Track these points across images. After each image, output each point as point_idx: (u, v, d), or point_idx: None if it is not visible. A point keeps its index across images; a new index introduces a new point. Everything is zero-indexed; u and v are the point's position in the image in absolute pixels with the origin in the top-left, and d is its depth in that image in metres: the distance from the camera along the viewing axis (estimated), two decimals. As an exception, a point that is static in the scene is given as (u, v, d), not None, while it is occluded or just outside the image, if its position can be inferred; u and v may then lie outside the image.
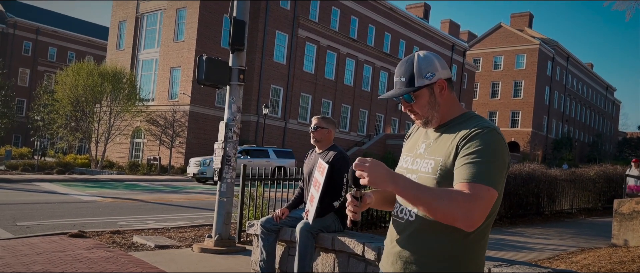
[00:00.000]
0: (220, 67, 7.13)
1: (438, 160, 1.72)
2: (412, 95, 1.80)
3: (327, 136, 4.17)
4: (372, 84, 43.75)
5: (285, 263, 4.19)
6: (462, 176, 1.61)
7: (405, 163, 1.86)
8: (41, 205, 12.02)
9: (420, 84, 1.78)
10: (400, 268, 1.75)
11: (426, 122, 1.83)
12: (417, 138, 1.90)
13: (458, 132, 1.72)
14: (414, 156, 1.84)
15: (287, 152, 26.51)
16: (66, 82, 30.38)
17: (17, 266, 5.56)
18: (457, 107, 1.84)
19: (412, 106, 1.82)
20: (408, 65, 1.81)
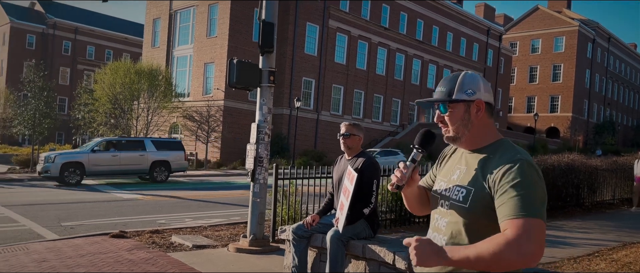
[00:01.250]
0: (250, 69, 7.21)
1: (470, 189, 1.72)
2: (448, 105, 1.80)
3: (357, 142, 4.18)
4: (404, 73, 43.30)
5: (316, 268, 4.24)
6: (508, 212, 1.60)
7: (439, 188, 1.88)
8: (84, 205, 12.48)
9: (457, 97, 1.79)
10: None
11: (454, 138, 1.83)
12: (453, 163, 1.90)
13: (492, 163, 1.71)
14: (448, 181, 1.84)
15: (171, 142, 21.93)
16: (104, 81, 31.26)
17: (62, 268, 5.82)
18: (493, 134, 1.83)
19: (444, 117, 1.82)
20: (452, 78, 1.83)
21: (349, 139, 4.14)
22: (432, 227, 1.88)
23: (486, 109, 1.81)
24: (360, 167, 3.96)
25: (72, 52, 59.73)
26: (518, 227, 1.56)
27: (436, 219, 1.85)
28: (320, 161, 29.84)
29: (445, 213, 1.81)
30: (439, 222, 1.83)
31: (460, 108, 1.79)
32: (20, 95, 40.39)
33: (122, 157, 18.91)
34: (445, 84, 1.83)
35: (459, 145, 1.86)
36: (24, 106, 27.82)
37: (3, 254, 6.64)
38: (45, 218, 9.98)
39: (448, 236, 1.77)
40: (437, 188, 1.90)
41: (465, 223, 1.72)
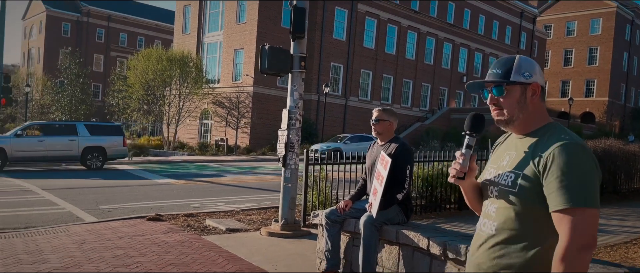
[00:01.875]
0: (282, 55, 7.24)
1: (518, 173, 1.71)
2: (504, 87, 1.78)
3: (389, 128, 4.17)
4: (435, 57, 42.67)
5: (349, 253, 4.28)
6: (557, 201, 1.59)
7: (488, 175, 1.87)
8: (120, 189, 12.84)
9: (515, 78, 1.77)
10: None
11: (507, 122, 1.80)
12: (503, 150, 1.89)
13: (541, 146, 1.70)
14: (497, 168, 1.84)
15: (107, 126, 19.92)
16: (137, 68, 31.89)
17: (102, 250, 6.03)
18: (544, 117, 1.81)
19: (499, 100, 1.79)
20: (507, 60, 1.81)
21: (378, 125, 4.14)
22: (482, 215, 1.88)
23: (540, 93, 1.80)
24: (394, 152, 3.96)
25: (106, 39, 61.01)
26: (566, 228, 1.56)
27: (486, 206, 1.85)
28: (349, 146, 29.84)
29: (495, 200, 1.80)
30: (489, 209, 1.83)
31: (517, 90, 1.77)
32: (57, 82, 41.59)
33: (49, 142, 17.42)
34: (501, 66, 1.81)
35: (511, 129, 1.84)
36: (61, 92, 28.66)
37: (46, 236, 6.91)
38: (84, 202, 10.32)
39: (498, 222, 1.77)
40: (487, 176, 1.89)
41: (515, 208, 1.71)
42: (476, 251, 1.84)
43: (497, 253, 1.74)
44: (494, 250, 1.75)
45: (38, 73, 52.33)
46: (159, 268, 5.25)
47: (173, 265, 5.39)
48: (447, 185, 8.75)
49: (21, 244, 6.38)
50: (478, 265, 1.81)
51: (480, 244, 1.82)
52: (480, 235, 1.84)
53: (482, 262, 1.79)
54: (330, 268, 4.20)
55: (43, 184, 13.14)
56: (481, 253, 1.80)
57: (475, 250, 1.85)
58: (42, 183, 13.27)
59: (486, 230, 1.81)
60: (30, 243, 6.41)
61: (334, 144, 26.06)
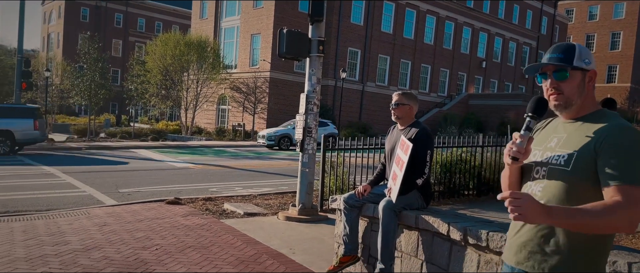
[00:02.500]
0: (300, 39, 7.19)
1: (572, 153, 1.75)
2: (569, 72, 1.82)
3: (409, 112, 4.11)
4: (454, 42, 42.10)
5: (368, 237, 4.26)
6: (612, 179, 1.64)
7: (533, 157, 1.88)
8: (139, 173, 12.98)
9: (578, 64, 1.82)
10: (524, 258, 1.82)
11: (566, 106, 1.84)
12: (547, 134, 1.93)
13: (595, 130, 1.75)
14: (543, 149, 1.87)
15: (16, 108, 17.98)
16: (155, 53, 32.06)
17: (122, 232, 6.10)
18: (594, 104, 1.88)
19: (559, 84, 1.83)
20: (567, 47, 1.85)
21: (397, 109, 4.08)
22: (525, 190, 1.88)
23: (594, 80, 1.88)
24: (414, 137, 3.91)
25: (124, 25, 61.42)
26: (629, 195, 1.60)
27: (529, 186, 1.86)
28: (365, 133, 29.75)
29: (541, 180, 1.82)
30: (533, 189, 1.84)
31: (578, 76, 1.83)
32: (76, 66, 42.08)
33: None
34: (561, 51, 1.84)
35: (566, 114, 1.88)
36: (80, 77, 28.95)
37: (67, 218, 7.02)
38: (103, 185, 10.46)
39: (545, 200, 1.77)
40: (531, 158, 1.88)
41: (565, 187, 1.74)
42: (519, 231, 1.85)
43: (543, 231, 1.77)
44: (540, 228, 1.77)
45: (57, 58, 52.99)
46: (179, 251, 5.30)
47: (192, 248, 5.43)
48: (465, 172, 8.67)
49: (43, 226, 6.49)
50: (523, 244, 1.82)
51: (524, 223, 1.82)
52: None
53: (527, 240, 1.80)
54: (348, 252, 4.19)
55: (63, 167, 13.34)
56: (526, 232, 1.82)
57: (518, 230, 1.86)
58: (62, 167, 13.48)
59: None
60: (51, 225, 6.52)
61: (282, 130, 23.88)
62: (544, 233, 1.77)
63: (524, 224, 1.83)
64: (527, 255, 1.80)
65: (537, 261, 1.77)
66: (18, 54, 21.64)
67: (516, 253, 1.85)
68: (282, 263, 4.98)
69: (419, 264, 3.74)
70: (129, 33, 61.72)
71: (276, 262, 5.02)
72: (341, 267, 4.22)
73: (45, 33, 63.49)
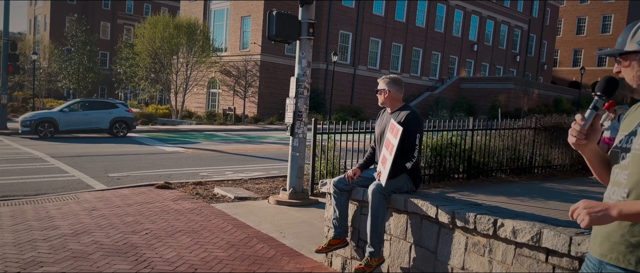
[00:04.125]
0: (290, 21, 7.12)
1: None
2: (618, 58, 1.75)
3: (393, 97, 4.09)
4: (445, 25, 41.99)
5: (357, 221, 4.27)
6: None
7: (620, 143, 1.79)
8: (129, 157, 12.91)
9: (629, 48, 1.73)
10: (608, 250, 1.72)
11: (631, 91, 1.78)
12: (634, 117, 1.81)
13: None
14: (628, 133, 1.77)
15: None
16: (144, 35, 31.70)
17: (111, 217, 6.08)
18: None
19: (621, 69, 1.78)
20: (629, 27, 1.77)
21: (381, 94, 4.09)
22: (611, 183, 1.79)
23: None
24: (404, 120, 3.89)
25: (112, 7, 60.58)
26: None
27: (616, 174, 1.76)
28: (356, 117, 29.75)
29: (626, 166, 1.72)
30: (619, 176, 1.74)
31: (634, 59, 1.73)
32: (64, 49, 41.52)
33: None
34: (623, 34, 1.77)
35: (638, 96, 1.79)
36: (68, 60, 28.62)
37: (56, 202, 6.97)
38: (92, 170, 10.40)
39: (630, 187, 1.67)
40: (617, 142, 1.80)
41: None
42: None
43: (627, 222, 1.65)
44: None
45: (45, 41, 52.21)
46: (169, 235, 5.29)
47: (182, 232, 5.43)
48: (455, 155, 8.71)
49: (31, 211, 6.44)
50: (608, 234, 1.72)
51: None
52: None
53: (612, 231, 1.70)
54: (338, 236, 4.20)
55: (52, 152, 13.24)
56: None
57: None
58: (50, 151, 13.37)
59: (616, 197, 1.72)
60: (40, 210, 6.48)
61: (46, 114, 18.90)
62: (628, 222, 1.64)
63: None
64: (611, 247, 1.69)
65: (621, 253, 1.66)
66: (4, 37, 21.31)
67: (600, 244, 1.74)
68: (273, 247, 5.00)
69: (408, 247, 3.76)
70: (117, 15, 60.89)
71: (266, 246, 5.03)
72: (330, 249, 4.24)
73: (32, 15, 62.48)
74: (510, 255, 2.89)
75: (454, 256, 3.31)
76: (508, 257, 2.90)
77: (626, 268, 1.66)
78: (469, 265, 3.18)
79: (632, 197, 1.65)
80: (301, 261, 4.61)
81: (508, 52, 48.47)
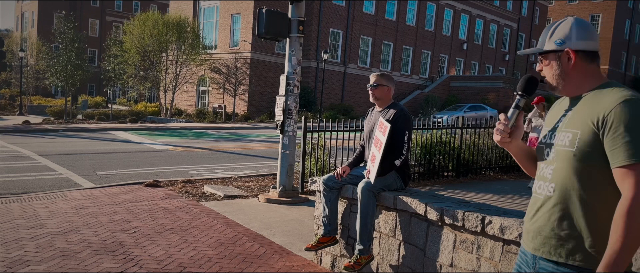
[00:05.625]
0: (279, 19, 7.11)
1: (575, 132, 1.68)
2: (539, 57, 1.82)
3: (387, 94, 4.11)
4: (435, 23, 42.11)
5: (347, 219, 4.28)
6: (620, 157, 1.56)
7: (544, 139, 1.85)
8: (117, 155, 12.82)
9: (547, 48, 1.79)
10: (540, 244, 1.76)
11: (551, 88, 1.83)
12: (556, 112, 1.86)
13: (599, 104, 1.65)
14: (552, 130, 1.82)
15: None
16: (133, 32, 31.43)
17: (99, 215, 6.03)
18: (596, 79, 1.76)
19: (542, 68, 1.83)
20: (549, 26, 1.83)
21: (376, 90, 4.07)
22: (537, 177, 1.85)
23: (582, 57, 1.75)
24: (392, 118, 3.90)
25: (101, 4, 60.02)
26: (631, 183, 1.53)
27: (542, 168, 1.82)
28: (347, 115, 29.77)
29: (551, 161, 1.77)
30: (544, 171, 1.79)
31: (551, 58, 1.78)
32: (52, 47, 41.09)
33: None
34: (542, 33, 1.83)
35: (561, 94, 1.84)
36: (56, 57, 28.30)
37: (43, 201, 6.91)
38: (80, 168, 10.31)
39: (556, 182, 1.73)
40: (542, 139, 1.86)
41: (573, 167, 1.68)
42: (534, 215, 1.81)
43: (557, 215, 1.71)
44: (553, 211, 1.73)
45: (32, 38, 51.67)
46: (157, 233, 5.26)
47: (171, 230, 5.40)
48: (445, 153, 8.75)
49: (18, 209, 6.38)
50: (539, 229, 1.77)
51: (539, 207, 1.79)
52: (537, 198, 1.81)
53: (542, 225, 1.75)
54: (327, 234, 4.20)
55: (40, 150, 13.11)
56: (540, 216, 1.77)
57: (533, 214, 1.82)
58: (38, 149, 13.24)
59: (543, 191, 1.78)
60: (27, 209, 6.41)
61: None
62: (557, 215, 1.71)
63: (539, 207, 1.79)
64: (543, 241, 1.75)
65: (552, 247, 1.72)
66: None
67: (533, 239, 1.80)
68: (262, 245, 4.99)
69: (397, 244, 3.77)
70: (106, 12, 60.34)
71: (256, 244, 5.02)
72: (319, 246, 4.24)
73: (19, 12, 61.75)
74: (498, 252, 2.91)
75: (442, 253, 3.33)
76: (496, 254, 2.92)
77: (557, 261, 1.72)
78: (458, 262, 3.20)
79: (557, 192, 1.72)
80: (291, 259, 4.61)
81: (497, 51, 48.75)
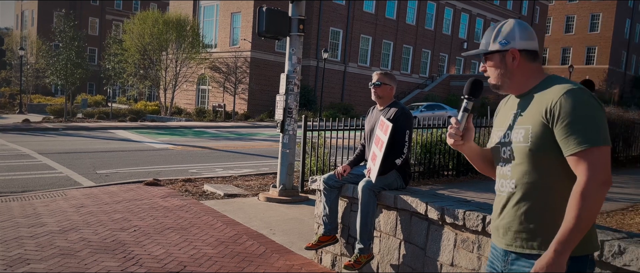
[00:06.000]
0: (280, 17, 7.10)
1: (527, 127, 1.74)
2: (484, 57, 1.88)
3: (390, 93, 4.10)
4: (436, 22, 42.10)
5: (347, 218, 4.27)
6: (571, 145, 1.63)
7: (497, 138, 1.90)
8: (118, 153, 12.81)
9: (492, 48, 1.84)
10: (511, 239, 1.82)
11: (497, 87, 1.87)
12: (506, 112, 1.91)
13: (544, 97, 1.72)
14: (505, 129, 1.87)
15: None
16: (133, 31, 31.43)
17: (100, 214, 6.03)
18: (537, 76, 1.83)
19: (486, 68, 1.89)
20: (491, 28, 1.88)
21: (379, 89, 4.06)
22: (498, 176, 1.90)
23: (525, 56, 1.82)
24: (393, 117, 3.90)
25: (101, 2, 59.98)
26: (587, 157, 1.60)
27: (501, 167, 1.88)
28: (347, 114, 29.75)
29: (509, 159, 1.83)
30: (504, 169, 1.86)
31: (496, 59, 1.84)
32: (52, 45, 41.06)
33: None
34: (485, 35, 1.88)
35: (506, 92, 1.89)
36: (56, 56, 28.29)
37: (43, 199, 6.90)
38: (80, 166, 10.30)
39: (516, 178, 1.80)
40: (496, 139, 1.91)
41: (530, 161, 1.75)
42: (500, 213, 1.86)
43: (523, 209, 1.77)
44: (519, 207, 1.78)
45: (32, 36, 51.61)
46: (157, 232, 5.26)
47: (171, 229, 5.39)
48: (445, 152, 8.74)
49: (18, 208, 6.37)
50: (507, 226, 1.82)
51: (504, 205, 1.84)
52: (501, 196, 1.87)
53: (511, 221, 1.81)
54: (327, 233, 4.20)
55: (39, 148, 13.10)
56: (507, 213, 1.82)
57: (500, 212, 1.87)
58: (38, 148, 13.23)
59: (506, 189, 1.84)
60: (27, 207, 6.41)
61: None
62: (523, 210, 1.77)
63: (505, 205, 1.84)
64: (514, 236, 1.80)
65: (524, 240, 1.78)
66: (-10, 32, 20.97)
67: (503, 236, 1.85)
68: (262, 244, 4.98)
69: (398, 243, 3.77)
70: (105, 11, 60.31)
71: (256, 243, 5.02)
72: (320, 245, 4.23)
73: (19, 10, 61.70)
74: (498, 251, 2.90)
75: (443, 252, 3.32)
76: (497, 253, 2.92)
77: (530, 252, 1.77)
78: (458, 261, 3.20)
79: (518, 188, 1.78)
80: (291, 258, 4.61)
81: (497, 50, 48.70)
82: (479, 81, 1.97)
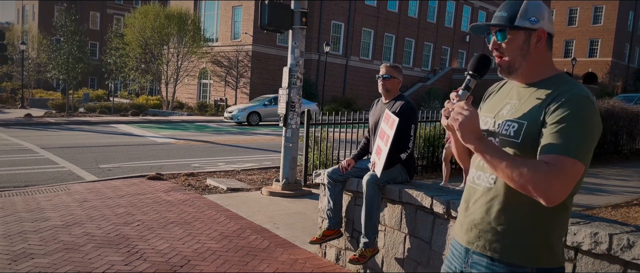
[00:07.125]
0: (282, 10, 7.06)
1: (522, 123, 1.59)
2: (507, 32, 1.65)
3: (397, 86, 4.07)
4: (438, 15, 41.92)
5: (351, 212, 4.25)
6: (548, 146, 1.48)
7: (484, 125, 1.71)
8: (120, 148, 12.80)
9: (519, 23, 1.64)
10: (474, 237, 1.68)
11: (509, 69, 1.68)
12: (500, 99, 1.76)
13: (547, 96, 1.57)
14: (495, 117, 1.70)
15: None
16: (134, 25, 31.36)
17: (103, 208, 6.02)
18: (550, 67, 1.68)
19: (501, 45, 1.67)
20: (515, 3, 1.68)
21: (388, 81, 4.02)
22: (475, 167, 1.73)
23: (547, 40, 1.66)
24: (399, 110, 3.87)
25: (102, -3, 59.86)
26: (558, 162, 1.44)
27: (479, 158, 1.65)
28: (349, 107, 29.71)
29: None
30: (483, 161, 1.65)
31: (521, 36, 1.64)
32: (53, 39, 40.98)
33: None
34: (507, 9, 1.68)
35: (514, 78, 1.71)
36: (57, 50, 28.24)
37: (46, 194, 6.90)
38: (83, 161, 10.30)
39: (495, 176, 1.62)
40: (482, 125, 1.71)
41: None
42: (469, 207, 1.72)
43: (496, 208, 1.62)
44: (492, 204, 1.63)
45: (33, 30, 51.56)
46: (161, 226, 5.25)
47: (174, 223, 5.38)
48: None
49: (21, 202, 6.37)
50: (473, 222, 1.68)
51: (476, 199, 1.69)
52: (475, 189, 1.71)
53: (478, 218, 1.67)
54: (332, 227, 4.18)
55: (42, 143, 13.10)
56: (477, 209, 1.68)
57: (468, 206, 1.73)
58: (40, 142, 13.23)
59: (482, 182, 1.68)
60: (30, 202, 6.40)
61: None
62: (497, 208, 1.62)
63: (476, 199, 1.69)
64: (478, 234, 1.66)
65: (488, 241, 1.63)
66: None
67: (467, 232, 1.71)
68: (266, 238, 4.97)
69: (402, 237, 3.75)
70: (107, 5, 60.19)
71: (260, 237, 5.00)
72: (324, 239, 4.22)
73: (20, 5, 61.57)
74: (505, 245, 2.88)
75: (448, 246, 3.30)
76: (503, 247, 2.89)
77: (492, 257, 1.63)
78: (464, 255, 3.17)
79: (498, 184, 1.62)
80: (295, 252, 4.59)
81: (500, 43, 48.55)
82: (486, 57, 1.75)
